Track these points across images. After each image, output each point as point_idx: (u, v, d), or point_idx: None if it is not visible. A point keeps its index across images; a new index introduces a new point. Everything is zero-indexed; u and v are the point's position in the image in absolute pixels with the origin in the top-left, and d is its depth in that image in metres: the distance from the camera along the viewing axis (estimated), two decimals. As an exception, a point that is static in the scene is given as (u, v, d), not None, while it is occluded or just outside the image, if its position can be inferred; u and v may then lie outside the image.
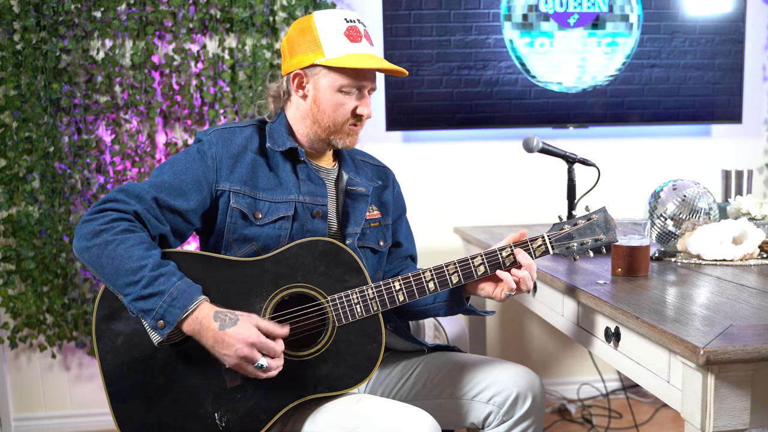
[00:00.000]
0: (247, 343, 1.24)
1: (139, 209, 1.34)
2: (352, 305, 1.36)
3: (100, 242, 1.28)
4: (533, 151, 1.85)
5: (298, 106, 1.49)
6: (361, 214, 1.53)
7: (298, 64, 1.44)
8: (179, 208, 1.38)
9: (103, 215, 1.32)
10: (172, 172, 1.40)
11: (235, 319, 1.26)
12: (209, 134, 1.46)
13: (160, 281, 1.26)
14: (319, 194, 1.48)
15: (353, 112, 1.45)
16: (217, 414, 1.33)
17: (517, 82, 2.77)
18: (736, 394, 1.06)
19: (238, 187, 1.43)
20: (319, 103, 1.44)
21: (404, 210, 1.70)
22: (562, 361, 3.03)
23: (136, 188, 1.36)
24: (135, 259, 1.27)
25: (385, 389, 1.58)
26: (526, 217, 2.89)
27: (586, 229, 1.40)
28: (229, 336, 1.24)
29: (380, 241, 1.57)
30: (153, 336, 1.31)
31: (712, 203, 1.79)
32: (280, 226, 1.43)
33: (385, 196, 1.63)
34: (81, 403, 2.77)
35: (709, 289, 1.42)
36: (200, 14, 2.56)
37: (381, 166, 1.67)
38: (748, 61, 2.89)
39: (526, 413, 1.47)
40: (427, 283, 1.38)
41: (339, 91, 1.43)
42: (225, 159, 1.43)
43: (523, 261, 1.37)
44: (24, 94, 2.50)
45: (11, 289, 2.59)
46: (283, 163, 1.47)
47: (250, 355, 1.25)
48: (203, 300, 1.28)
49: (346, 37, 1.41)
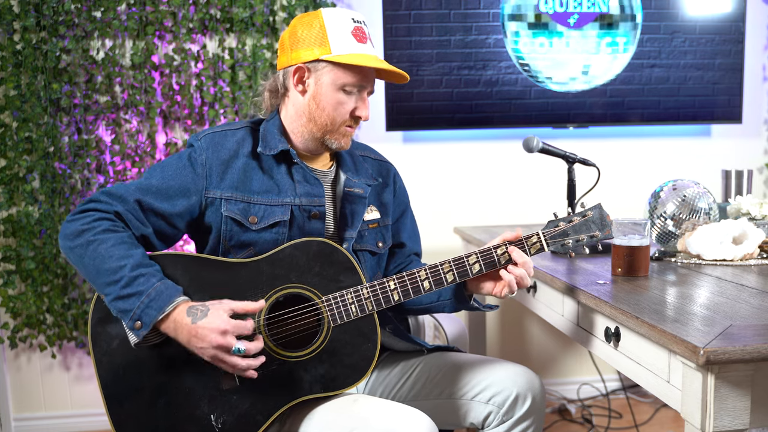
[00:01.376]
0: (219, 331, 1.24)
1: (120, 210, 1.34)
2: (347, 305, 1.36)
3: (82, 242, 1.29)
4: (533, 151, 1.85)
5: (294, 103, 1.47)
6: (359, 217, 1.52)
7: (301, 58, 1.42)
8: (163, 211, 1.38)
9: (85, 215, 1.32)
10: (161, 176, 1.40)
11: (206, 310, 1.26)
12: (200, 139, 1.45)
13: (140, 281, 1.26)
14: (316, 194, 1.47)
15: (352, 113, 1.45)
16: (213, 416, 1.33)
17: (517, 82, 2.77)
18: (736, 394, 1.06)
19: (229, 194, 1.42)
20: (319, 100, 1.43)
21: (407, 206, 1.68)
22: (562, 361, 3.03)
23: (120, 190, 1.36)
24: (115, 258, 1.27)
25: (385, 389, 1.58)
26: (526, 217, 2.89)
27: (581, 225, 1.40)
28: (201, 328, 1.24)
29: (379, 243, 1.56)
30: (130, 337, 1.30)
31: (712, 203, 1.79)
32: (277, 231, 1.43)
33: (385, 196, 1.61)
34: (81, 403, 2.77)
35: (709, 289, 1.42)
36: (200, 14, 2.56)
37: (382, 160, 1.65)
38: (748, 61, 2.89)
39: (526, 413, 1.46)
40: (422, 282, 1.38)
41: (341, 89, 1.42)
42: (215, 165, 1.42)
43: (518, 259, 1.36)
44: (24, 94, 2.50)
45: (11, 289, 2.59)
46: (277, 166, 1.46)
47: (224, 342, 1.24)
48: (181, 301, 1.27)
49: (353, 36, 1.40)
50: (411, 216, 1.69)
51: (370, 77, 1.45)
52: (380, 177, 1.61)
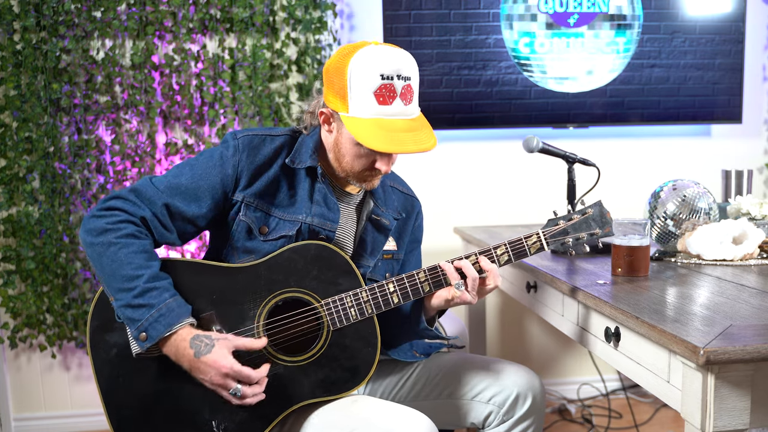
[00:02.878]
0: (221, 373, 1.25)
1: (147, 215, 1.33)
2: (346, 309, 1.35)
3: (103, 241, 1.29)
4: (533, 151, 1.85)
5: (326, 136, 1.44)
6: (379, 247, 1.50)
7: (328, 101, 1.37)
8: (191, 215, 1.37)
9: (111, 214, 1.31)
10: (191, 175, 1.38)
11: (211, 345, 1.26)
12: (238, 138, 1.42)
13: (153, 294, 1.26)
14: (330, 219, 1.43)
15: (372, 165, 1.38)
16: (214, 422, 1.32)
17: (517, 82, 2.77)
18: (736, 394, 1.06)
19: (252, 200, 1.40)
20: (340, 147, 1.39)
21: (419, 243, 1.66)
22: (562, 361, 3.03)
23: (148, 191, 1.34)
24: (133, 266, 1.27)
25: (385, 390, 1.58)
26: (526, 217, 2.89)
27: (581, 223, 1.39)
28: (203, 364, 1.25)
29: (387, 274, 1.54)
30: (133, 346, 1.30)
31: (712, 203, 1.79)
32: (281, 244, 1.40)
33: (405, 229, 1.59)
34: (81, 403, 2.77)
35: (709, 289, 1.42)
36: (200, 14, 2.56)
37: (409, 195, 1.62)
38: (748, 61, 2.89)
39: (526, 413, 1.47)
40: (422, 284, 1.37)
41: (359, 145, 1.35)
42: (247, 170, 1.40)
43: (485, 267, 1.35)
44: (24, 94, 2.50)
45: (11, 289, 2.59)
46: (304, 182, 1.43)
47: (224, 383, 1.26)
48: (187, 323, 1.28)
49: (375, 98, 1.29)
50: (419, 255, 1.67)
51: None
52: (405, 212, 1.58)
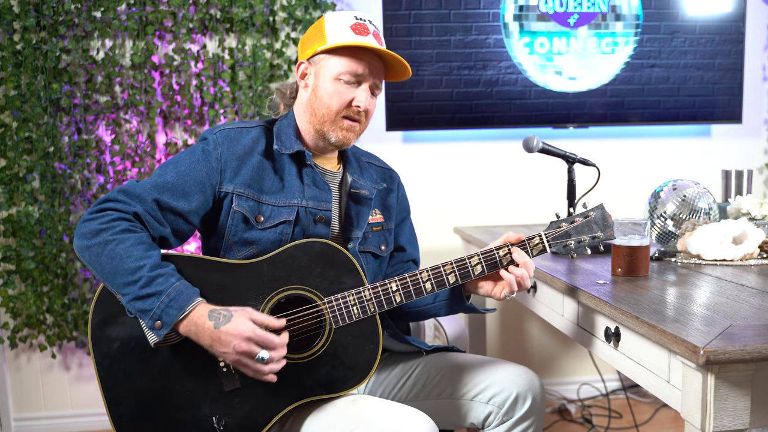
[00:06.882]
0: (244, 337, 1.24)
1: (140, 210, 1.33)
2: (348, 307, 1.35)
3: (99, 241, 1.28)
4: (533, 151, 1.85)
5: (301, 100, 1.50)
6: (364, 217, 1.52)
7: (304, 55, 1.47)
8: (180, 209, 1.38)
9: (103, 215, 1.31)
10: (175, 172, 1.39)
11: (229, 315, 1.25)
12: (215, 133, 1.45)
13: (158, 282, 1.26)
14: (324, 199, 1.47)
15: (349, 103, 1.44)
16: (215, 418, 1.32)
17: (517, 82, 2.77)
18: (736, 394, 1.06)
19: (242, 190, 1.42)
20: (317, 91, 1.44)
21: (408, 213, 1.69)
22: (562, 361, 3.03)
23: (137, 189, 1.35)
24: (134, 258, 1.27)
25: (385, 390, 1.58)
26: (526, 217, 2.89)
27: (583, 226, 1.39)
28: (224, 333, 1.24)
29: (381, 246, 1.56)
30: (150, 336, 1.30)
31: (712, 203, 1.79)
32: (281, 230, 1.42)
33: (389, 200, 1.61)
34: (81, 403, 2.77)
35: (709, 289, 1.42)
36: (200, 14, 2.56)
37: (386, 168, 1.66)
38: (748, 61, 2.89)
39: (526, 413, 1.46)
40: (424, 284, 1.37)
41: (338, 79, 1.42)
42: (230, 160, 1.42)
43: (519, 259, 1.36)
44: (24, 94, 2.50)
45: (11, 289, 2.59)
46: (289, 167, 1.46)
47: (248, 349, 1.24)
48: (200, 302, 1.27)
49: (351, 29, 1.42)
50: (411, 224, 1.70)
51: (369, 65, 1.43)
52: (384, 182, 1.61)
